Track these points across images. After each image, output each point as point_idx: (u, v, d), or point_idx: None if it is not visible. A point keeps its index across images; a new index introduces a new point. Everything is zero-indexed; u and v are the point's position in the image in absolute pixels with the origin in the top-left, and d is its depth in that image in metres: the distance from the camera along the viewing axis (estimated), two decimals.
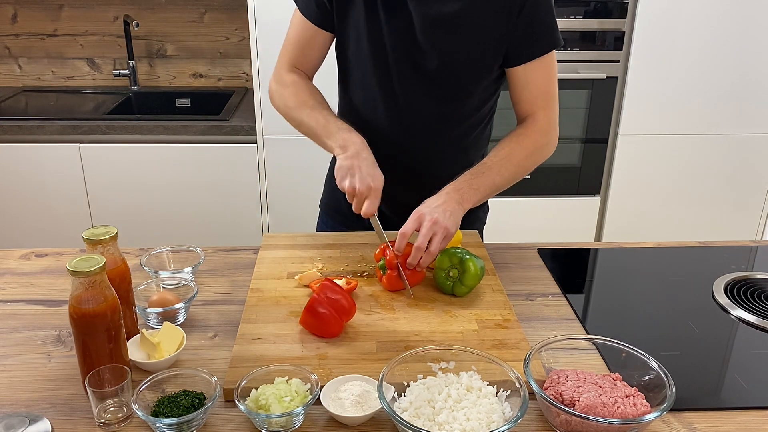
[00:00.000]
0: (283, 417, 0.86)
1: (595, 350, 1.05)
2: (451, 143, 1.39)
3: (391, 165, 1.35)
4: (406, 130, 1.36)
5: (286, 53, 1.41)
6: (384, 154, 1.34)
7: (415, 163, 1.39)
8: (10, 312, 1.17)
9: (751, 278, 1.30)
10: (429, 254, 1.17)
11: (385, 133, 1.36)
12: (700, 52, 2.39)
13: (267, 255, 1.34)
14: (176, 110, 2.80)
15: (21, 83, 2.88)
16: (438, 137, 1.37)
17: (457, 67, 1.30)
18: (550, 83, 1.34)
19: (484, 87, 1.35)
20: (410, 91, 1.32)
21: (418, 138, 1.37)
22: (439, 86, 1.31)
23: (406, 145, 1.37)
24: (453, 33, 1.26)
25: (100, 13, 2.77)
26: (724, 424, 0.92)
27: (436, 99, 1.33)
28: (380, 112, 1.36)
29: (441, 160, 1.39)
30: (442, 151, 1.38)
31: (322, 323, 1.05)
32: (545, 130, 1.34)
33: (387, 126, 1.36)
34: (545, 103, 1.34)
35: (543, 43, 1.29)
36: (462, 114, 1.36)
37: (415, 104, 1.34)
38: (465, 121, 1.37)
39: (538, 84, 1.32)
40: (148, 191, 2.45)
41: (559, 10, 2.31)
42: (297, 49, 1.39)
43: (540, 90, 1.33)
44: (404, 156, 1.38)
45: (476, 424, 0.85)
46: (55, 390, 0.97)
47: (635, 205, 2.60)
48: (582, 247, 1.47)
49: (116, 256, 1.01)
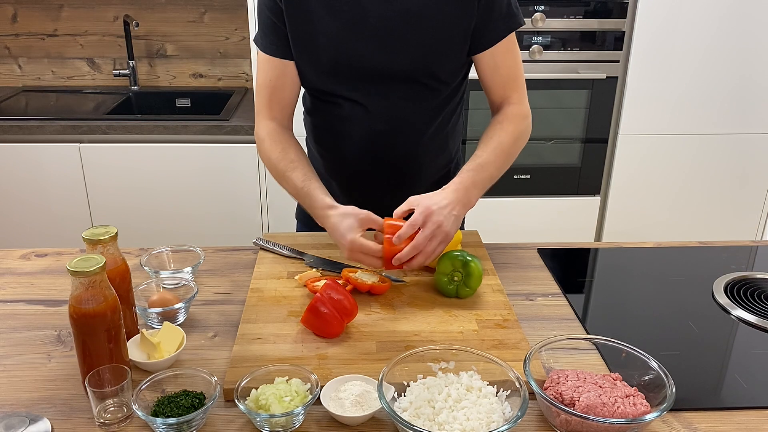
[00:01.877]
0: (283, 417, 0.86)
1: (595, 350, 1.05)
2: (431, 137, 1.38)
3: (374, 169, 1.36)
4: (385, 132, 1.34)
5: (260, 99, 1.36)
6: (366, 160, 1.35)
7: (400, 163, 1.38)
8: (10, 312, 1.17)
9: (751, 278, 1.30)
10: (424, 255, 1.13)
11: (363, 141, 1.35)
12: (701, 51, 2.39)
13: (266, 255, 1.34)
14: (176, 110, 2.80)
15: (21, 83, 2.88)
16: (418, 133, 1.36)
17: (429, 63, 1.29)
18: (518, 64, 1.35)
19: (456, 75, 1.35)
20: (384, 93, 1.31)
21: (398, 138, 1.35)
22: (413, 84, 1.30)
23: (387, 148, 1.36)
24: (420, 28, 1.25)
25: (100, 13, 2.77)
26: (724, 424, 0.92)
27: (412, 97, 1.32)
28: (356, 122, 1.34)
29: (425, 155, 1.38)
30: (424, 146, 1.38)
31: (323, 323, 1.05)
32: (524, 113, 1.35)
33: (365, 133, 1.34)
34: (516, 85, 1.35)
35: (506, 24, 1.30)
36: (438, 105, 1.36)
37: (391, 106, 1.32)
38: (442, 111, 1.37)
39: (507, 66, 1.33)
40: (148, 191, 2.45)
41: (559, 10, 2.32)
42: (270, 90, 1.35)
43: (508, 72, 1.34)
44: (387, 158, 1.37)
45: (476, 424, 0.85)
46: (55, 390, 0.97)
47: (635, 205, 2.60)
48: (582, 247, 1.47)
49: (116, 256, 1.01)
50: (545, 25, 2.33)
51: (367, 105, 1.31)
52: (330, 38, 1.27)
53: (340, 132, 1.37)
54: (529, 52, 2.36)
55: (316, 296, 1.06)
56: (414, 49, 1.26)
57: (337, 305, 1.06)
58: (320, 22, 1.26)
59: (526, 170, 2.54)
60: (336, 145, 1.39)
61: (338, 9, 1.25)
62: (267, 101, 1.36)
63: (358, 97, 1.31)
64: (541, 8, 2.32)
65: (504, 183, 1.40)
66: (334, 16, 1.25)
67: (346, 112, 1.33)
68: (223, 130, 2.37)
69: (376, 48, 1.26)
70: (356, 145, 1.36)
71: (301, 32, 1.28)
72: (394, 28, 1.25)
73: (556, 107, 2.47)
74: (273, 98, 1.35)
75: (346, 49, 1.27)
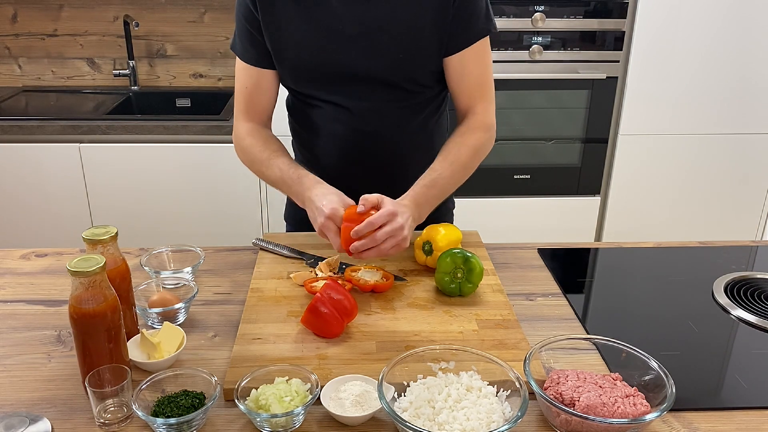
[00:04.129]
0: (284, 417, 0.86)
1: (595, 350, 1.05)
2: (415, 136, 1.38)
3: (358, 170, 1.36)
4: (368, 133, 1.35)
5: (238, 104, 1.38)
6: (350, 161, 1.35)
7: (384, 164, 1.38)
8: (10, 312, 1.17)
9: (751, 278, 1.30)
10: (377, 251, 1.13)
11: (347, 142, 1.36)
12: (701, 51, 2.39)
13: (267, 255, 1.34)
14: (176, 110, 2.80)
15: (21, 83, 2.88)
16: (402, 133, 1.36)
17: (407, 68, 1.29)
18: (486, 73, 1.34)
19: (436, 78, 1.35)
20: (365, 95, 1.31)
21: (382, 138, 1.36)
22: (393, 88, 1.31)
23: (371, 148, 1.36)
24: (396, 35, 1.25)
25: (100, 13, 2.77)
26: (724, 424, 0.92)
27: (393, 99, 1.32)
28: (339, 123, 1.34)
29: (409, 155, 1.39)
30: (408, 145, 1.38)
31: (323, 323, 1.05)
32: (487, 124, 1.35)
33: (348, 133, 1.35)
34: (482, 95, 1.34)
35: (477, 30, 1.29)
36: (420, 106, 1.36)
37: (373, 107, 1.32)
38: (424, 111, 1.37)
39: (474, 74, 1.33)
40: (148, 191, 2.44)
41: (559, 10, 2.33)
42: (247, 97, 1.37)
43: (476, 80, 1.33)
44: (371, 159, 1.37)
45: (476, 424, 0.85)
46: (55, 390, 0.97)
47: (635, 205, 2.60)
48: (582, 247, 1.47)
49: (116, 256, 1.01)
50: (545, 25, 2.33)
51: (350, 107, 1.32)
52: (307, 46, 1.27)
53: (324, 133, 1.37)
54: (529, 52, 2.36)
55: (316, 296, 1.06)
56: (392, 55, 1.27)
57: (337, 305, 1.05)
58: (297, 31, 1.27)
59: (526, 170, 2.54)
60: (320, 146, 1.39)
61: (315, 17, 1.25)
62: (244, 107, 1.38)
63: (340, 100, 1.32)
64: (541, 8, 2.32)
65: (504, 183, 1.41)
66: (310, 24, 1.26)
67: (329, 113, 1.34)
68: (223, 130, 2.37)
69: (354, 54, 1.27)
70: (340, 146, 1.36)
71: (279, 40, 1.29)
72: (370, 36, 1.25)
73: (556, 107, 2.48)
74: (250, 105, 1.37)
75: (324, 57, 1.28)
